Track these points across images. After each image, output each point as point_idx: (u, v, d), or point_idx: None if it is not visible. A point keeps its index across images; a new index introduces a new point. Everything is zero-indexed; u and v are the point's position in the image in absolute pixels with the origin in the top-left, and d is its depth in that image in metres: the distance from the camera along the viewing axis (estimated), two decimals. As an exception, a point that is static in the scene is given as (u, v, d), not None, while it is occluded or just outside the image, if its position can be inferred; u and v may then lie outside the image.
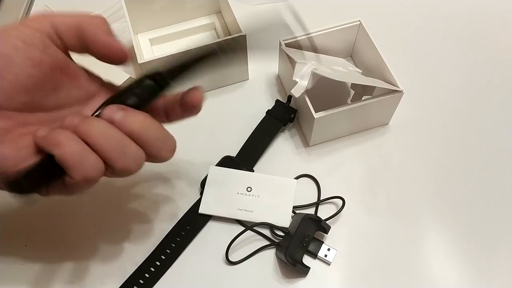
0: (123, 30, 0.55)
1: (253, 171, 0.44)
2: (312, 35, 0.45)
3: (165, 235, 0.40)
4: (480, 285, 0.38)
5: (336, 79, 0.41)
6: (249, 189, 0.42)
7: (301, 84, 0.41)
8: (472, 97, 0.49)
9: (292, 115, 0.46)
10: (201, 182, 0.43)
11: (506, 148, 0.45)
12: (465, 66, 0.52)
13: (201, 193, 0.42)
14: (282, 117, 0.46)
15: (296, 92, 0.41)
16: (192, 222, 0.41)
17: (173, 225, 0.41)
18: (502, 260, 0.39)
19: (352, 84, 0.48)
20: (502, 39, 0.54)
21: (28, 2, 0.59)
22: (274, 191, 0.42)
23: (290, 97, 0.46)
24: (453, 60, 0.52)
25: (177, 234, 0.40)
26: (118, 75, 0.45)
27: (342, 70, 0.47)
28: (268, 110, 0.46)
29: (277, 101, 0.47)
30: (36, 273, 0.39)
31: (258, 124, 0.46)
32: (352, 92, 0.47)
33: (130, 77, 0.46)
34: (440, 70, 0.51)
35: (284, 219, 0.40)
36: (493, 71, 0.51)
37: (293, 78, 0.42)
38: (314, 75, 0.41)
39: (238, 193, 0.42)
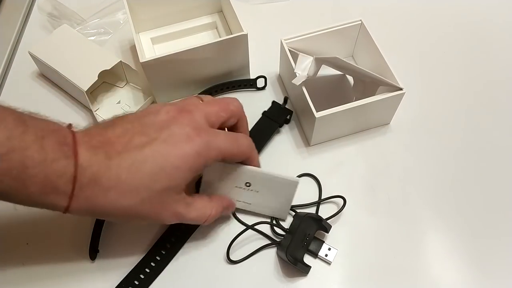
0: (118, 23, 0.55)
1: None
2: (313, 34, 0.45)
3: (160, 236, 0.40)
4: (480, 285, 0.38)
5: (340, 62, 0.40)
6: (248, 184, 0.40)
7: (302, 74, 0.41)
8: (473, 97, 0.49)
9: (288, 116, 0.46)
10: (196, 182, 0.42)
11: (507, 148, 0.45)
12: (466, 66, 0.52)
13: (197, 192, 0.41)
14: (278, 118, 0.45)
15: (297, 80, 0.41)
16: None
17: (167, 226, 0.41)
18: (502, 260, 0.39)
19: (353, 85, 0.48)
20: (502, 38, 0.54)
21: (29, 2, 0.59)
22: (274, 189, 0.41)
23: (286, 98, 0.46)
24: (454, 59, 0.52)
25: (172, 235, 0.40)
26: (109, 59, 0.47)
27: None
28: (264, 111, 0.46)
29: (273, 102, 0.46)
30: (37, 272, 0.39)
31: (254, 125, 0.45)
32: (354, 92, 0.47)
33: (121, 61, 0.46)
34: (441, 70, 0.51)
35: (283, 211, 0.40)
36: (494, 71, 0.51)
37: (295, 70, 0.42)
38: (317, 61, 0.41)
39: (236, 186, 0.40)
